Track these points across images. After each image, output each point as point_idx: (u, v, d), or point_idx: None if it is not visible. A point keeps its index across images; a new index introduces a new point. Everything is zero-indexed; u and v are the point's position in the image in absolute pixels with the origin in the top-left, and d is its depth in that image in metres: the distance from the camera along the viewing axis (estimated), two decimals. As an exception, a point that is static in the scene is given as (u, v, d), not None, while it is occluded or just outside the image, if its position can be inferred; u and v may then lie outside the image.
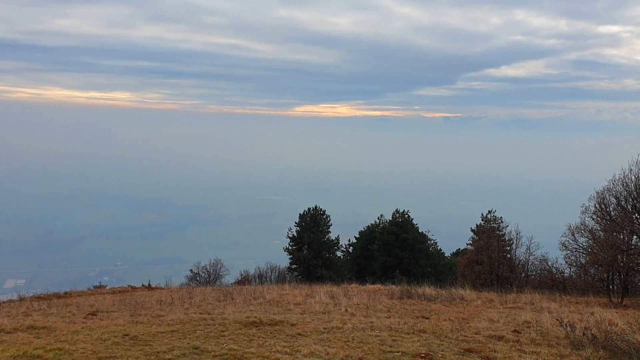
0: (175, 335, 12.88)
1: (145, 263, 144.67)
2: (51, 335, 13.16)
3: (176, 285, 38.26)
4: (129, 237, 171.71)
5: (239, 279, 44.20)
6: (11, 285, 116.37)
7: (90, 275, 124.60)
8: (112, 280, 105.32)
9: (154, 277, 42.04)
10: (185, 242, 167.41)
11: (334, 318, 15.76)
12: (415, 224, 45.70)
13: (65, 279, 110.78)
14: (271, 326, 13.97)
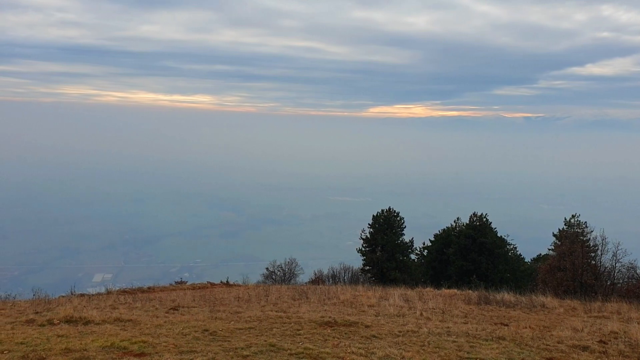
0: (252, 332, 13.17)
1: (223, 260, 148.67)
2: (136, 328, 13.78)
3: (252, 282, 39.11)
4: (207, 236, 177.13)
5: (313, 278, 44.56)
6: (99, 279, 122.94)
7: (172, 272, 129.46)
8: (192, 276, 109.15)
9: (231, 275, 43.12)
10: (261, 241, 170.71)
11: (409, 322, 15.59)
12: (493, 227, 44.39)
13: (148, 275, 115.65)
14: (346, 327, 14.00)
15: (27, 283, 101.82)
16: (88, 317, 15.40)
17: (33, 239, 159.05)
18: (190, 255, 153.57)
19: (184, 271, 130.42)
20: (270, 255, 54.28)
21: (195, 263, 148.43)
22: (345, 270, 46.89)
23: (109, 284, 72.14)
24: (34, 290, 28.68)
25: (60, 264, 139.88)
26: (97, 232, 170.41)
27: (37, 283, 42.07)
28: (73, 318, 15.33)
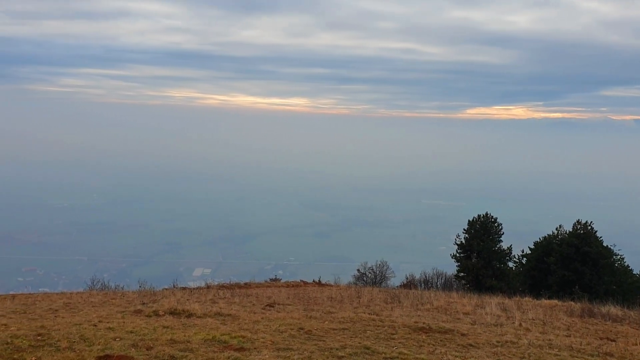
0: (346, 333, 13.27)
1: (315, 260, 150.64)
2: (235, 323, 14.30)
3: (344, 283, 39.32)
4: (301, 235, 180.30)
5: (405, 282, 44.06)
6: (199, 273, 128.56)
7: (266, 269, 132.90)
8: (286, 274, 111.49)
9: (323, 274, 43.51)
10: (352, 242, 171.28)
11: (507, 332, 15.07)
12: (599, 236, 41.79)
13: (244, 270, 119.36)
14: (441, 334, 13.76)
15: (133, 275, 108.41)
16: (190, 310, 16.18)
17: (140, 234, 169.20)
18: (285, 254, 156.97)
19: (278, 269, 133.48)
20: (361, 257, 54.23)
21: (289, 261, 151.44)
22: (438, 275, 45.94)
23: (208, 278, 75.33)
24: (140, 282, 30.49)
25: (164, 258, 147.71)
26: (198, 229, 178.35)
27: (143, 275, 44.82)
28: (177, 310, 16.16)
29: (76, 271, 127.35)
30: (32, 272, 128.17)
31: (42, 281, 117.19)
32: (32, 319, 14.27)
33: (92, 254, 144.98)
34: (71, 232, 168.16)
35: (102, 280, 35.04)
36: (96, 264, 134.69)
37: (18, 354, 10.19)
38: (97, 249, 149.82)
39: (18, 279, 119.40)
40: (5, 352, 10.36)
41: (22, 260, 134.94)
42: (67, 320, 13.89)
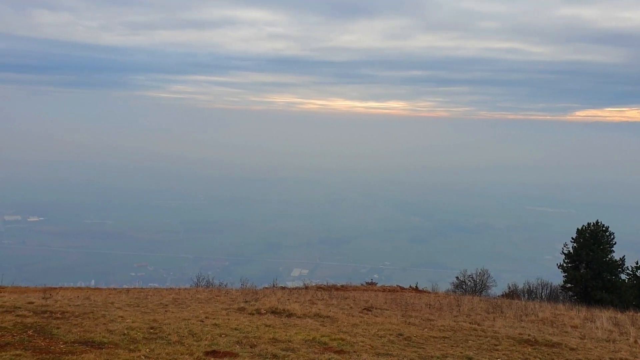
0: (447, 342, 13.02)
1: (411, 265, 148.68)
2: (334, 325, 14.47)
3: (442, 290, 38.53)
4: (397, 239, 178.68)
5: (507, 292, 42.43)
6: (297, 273, 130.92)
7: (362, 272, 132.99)
8: (381, 278, 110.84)
9: (419, 280, 42.90)
10: (450, 249, 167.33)
11: (621, 348, 14.12)
12: None
13: (340, 273, 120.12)
14: (548, 347, 13.15)
15: (235, 273, 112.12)
16: (290, 310, 16.57)
17: (242, 234, 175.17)
18: (380, 258, 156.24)
19: (374, 272, 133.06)
20: (460, 264, 52.82)
21: (385, 265, 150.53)
22: (543, 286, 43.78)
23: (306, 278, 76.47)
24: (242, 280, 31.59)
25: (264, 257, 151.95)
26: (297, 230, 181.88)
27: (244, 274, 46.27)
28: (277, 309, 16.62)
29: (183, 268, 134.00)
30: (143, 267, 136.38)
31: (152, 276, 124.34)
32: (145, 312, 15.21)
33: (198, 251, 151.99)
34: (179, 231, 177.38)
35: (207, 277, 36.72)
36: (201, 261, 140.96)
37: (133, 345, 10.92)
38: (202, 247, 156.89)
39: (131, 273, 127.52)
40: (122, 342, 11.14)
41: (134, 256, 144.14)
42: (176, 315, 14.69)
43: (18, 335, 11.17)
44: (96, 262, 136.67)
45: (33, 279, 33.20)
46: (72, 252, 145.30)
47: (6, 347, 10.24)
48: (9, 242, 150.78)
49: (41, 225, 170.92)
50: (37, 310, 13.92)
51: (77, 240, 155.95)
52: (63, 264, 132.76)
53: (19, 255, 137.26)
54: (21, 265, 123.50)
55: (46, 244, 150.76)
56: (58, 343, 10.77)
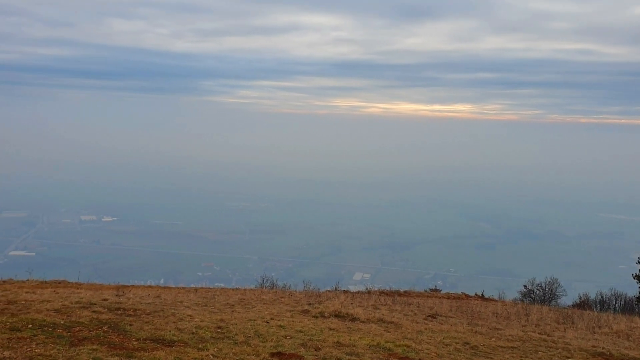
0: (515, 352, 12.66)
1: (477, 272, 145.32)
2: (398, 331, 14.36)
3: (509, 299, 37.43)
4: (463, 245, 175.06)
5: (578, 302, 40.73)
6: (358, 277, 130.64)
7: (425, 278, 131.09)
8: (445, 285, 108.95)
9: (484, 288, 41.77)
10: (518, 256, 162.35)
11: None
12: None
13: (402, 278, 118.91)
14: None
15: (298, 275, 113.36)
16: (354, 314, 16.56)
17: (305, 236, 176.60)
18: (445, 264, 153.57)
19: (438, 279, 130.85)
20: (528, 272, 51.07)
21: (449, 272, 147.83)
22: (617, 296, 41.70)
23: (368, 283, 76.15)
24: (305, 283, 31.78)
25: (326, 260, 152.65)
26: (359, 234, 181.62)
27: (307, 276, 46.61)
28: (341, 313, 16.64)
29: (247, 269, 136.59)
30: (210, 267, 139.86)
31: (218, 276, 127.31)
32: (212, 312, 15.61)
33: (262, 253, 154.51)
34: (244, 232, 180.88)
35: (271, 278, 37.21)
36: (265, 262, 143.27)
37: (202, 344, 11.24)
38: (266, 248, 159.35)
39: (198, 273, 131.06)
40: (191, 341, 11.48)
41: (202, 256, 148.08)
42: (243, 316, 14.99)
43: (94, 331, 11.73)
44: (166, 261, 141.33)
45: (106, 277, 34.77)
46: (143, 251, 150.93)
47: (84, 342, 10.77)
48: (85, 241, 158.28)
49: (115, 225, 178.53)
50: (111, 307, 14.55)
51: (148, 240, 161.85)
52: (134, 263, 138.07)
53: (93, 254, 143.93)
54: (96, 263, 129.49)
55: (119, 243, 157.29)
56: (131, 339, 11.22)
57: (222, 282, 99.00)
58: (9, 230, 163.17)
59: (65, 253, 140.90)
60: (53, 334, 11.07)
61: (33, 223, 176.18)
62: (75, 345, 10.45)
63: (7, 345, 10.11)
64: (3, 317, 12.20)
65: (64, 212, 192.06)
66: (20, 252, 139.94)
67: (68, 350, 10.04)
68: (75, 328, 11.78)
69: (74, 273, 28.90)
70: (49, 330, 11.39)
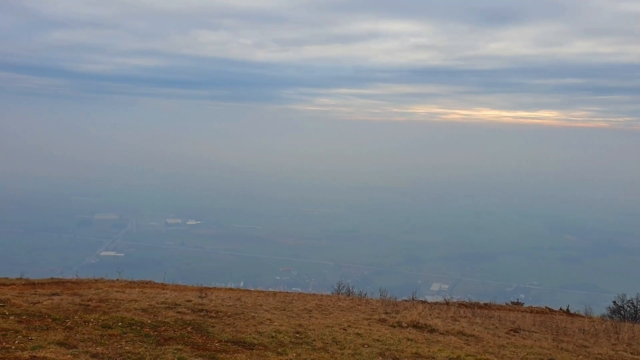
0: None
1: (562, 286, 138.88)
2: (479, 345, 13.97)
3: (596, 315, 35.53)
4: (546, 258, 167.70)
5: (674, 323, 37.98)
6: (436, 288, 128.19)
7: (506, 291, 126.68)
8: (528, 298, 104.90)
9: (569, 302, 39.84)
10: (606, 271, 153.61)
11: None
12: None
13: (482, 290, 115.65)
14: None
15: (374, 283, 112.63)
16: (432, 325, 16.28)
17: (381, 244, 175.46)
18: (527, 277, 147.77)
19: (519, 292, 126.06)
20: (616, 288, 48.13)
21: (532, 285, 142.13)
22: None
23: (445, 294, 74.59)
24: (381, 291, 31.55)
25: (403, 269, 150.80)
26: (437, 244, 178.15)
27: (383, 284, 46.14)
28: (419, 324, 16.42)
29: (324, 274, 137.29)
30: (288, 272, 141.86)
31: (295, 281, 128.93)
32: (291, 316, 15.83)
33: (338, 259, 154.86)
34: (321, 238, 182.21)
35: (347, 285, 37.22)
36: (341, 269, 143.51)
37: (281, 348, 11.43)
38: (342, 255, 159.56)
39: (276, 277, 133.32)
40: (271, 344, 11.70)
41: (280, 260, 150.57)
42: (320, 322, 15.10)
43: (179, 331, 12.21)
44: (245, 264, 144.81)
45: (190, 278, 35.96)
46: (225, 254, 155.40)
47: (169, 341, 11.23)
48: (170, 243, 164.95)
49: (198, 229, 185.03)
50: (194, 308, 15.08)
51: (229, 243, 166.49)
52: (216, 265, 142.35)
53: (178, 256, 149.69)
54: (180, 265, 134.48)
55: (202, 245, 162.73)
56: (213, 341, 11.59)
57: (299, 287, 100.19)
58: (101, 232, 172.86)
59: (151, 254, 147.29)
60: (141, 333, 11.62)
61: (123, 225, 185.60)
62: (161, 344, 10.92)
63: (99, 341, 10.71)
64: (95, 315, 12.93)
65: (152, 215, 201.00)
66: (111, 253, 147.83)
67: (154, 349, 10.50)
68: (161, 327, 12.31)
69: (159, 274, 30.16)
70: (137, 328, 11.97)
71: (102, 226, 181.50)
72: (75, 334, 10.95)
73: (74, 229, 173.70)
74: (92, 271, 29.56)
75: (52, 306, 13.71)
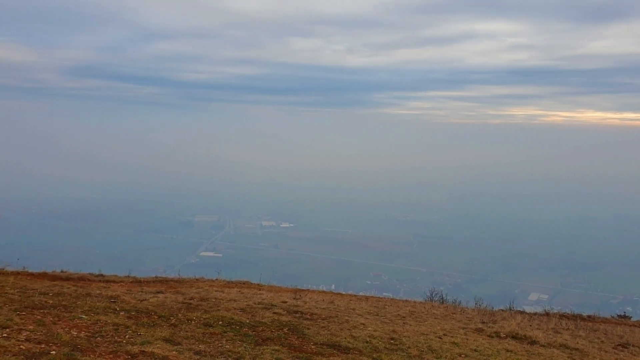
0: None
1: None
2: (584, 359, 13.28)
3: None
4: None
5: None
6: (534, 298, 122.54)
7: (612, 303, 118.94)
8: (636, 312, 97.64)
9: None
10: None
11: None
12: None
13: (584, 302, 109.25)
14: None
15: (468, 291, 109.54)
16: (533, 337, 15.65)
17: (476, 251, 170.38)
18: (635, 288, 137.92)
19: (626, 304, 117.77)
20: None
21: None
22: None
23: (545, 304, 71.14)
24: (476, 300, 30.68)
25: (499, 277, 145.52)
26: (536, 252, 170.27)
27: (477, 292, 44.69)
28: (518, 335, 15.83)
29: (415, 280, 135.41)
30: (378, 277, 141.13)
31: (385, 286, 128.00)
32: (384, 322, 15.77)
33: (430, 265, 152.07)
34: (412, 243, 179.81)
35: (440, 292, 36.48)
36: (433, 275, 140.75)
37: (376, 354, 11.43)
38: (435, 261, 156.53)
39: (367, 281, 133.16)
40: (366, 349, 11.73)
41: (371, 265, 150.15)
42: (414, 329, 14.94)
43: (276, 332, 12.53)
44: (336, 268, 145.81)
45: (283, 279, 36.75)
46: (316, 257, 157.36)
47: (267, 342, 11.55)
48: (264, 245, 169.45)
49: (291, 231, 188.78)
50: (289, 310, 15.41)
51: (320, 246, 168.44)
52: (308, 267, 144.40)
53: (272, 257, 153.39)
54: (274, 266, 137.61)
55: (295, 248, 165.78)
56: (309, 343, 11.78)
57: (390, 292, 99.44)
58: (201, 233, 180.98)
59: (247, 255, 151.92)
60: (240, 332, 12.04)
61: (221, 227, 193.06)
62: (259, 344, 11.26)
63: (202, 339, 11.21)
64: (197, 313, 13.55)
65: (248, 217, 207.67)
66: (210, 253, 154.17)
67: (253, 348, 10.84)
68: (258, 328, 12.69)
69: (255, 274, 30.95)
70: (236, 328, 12.41)
71: (202, 227, 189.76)
72: (179, 331, 11.53)
73: (176, 230, 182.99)
74: (193, 270, 31.00)
75: (157, 303, 14.52)
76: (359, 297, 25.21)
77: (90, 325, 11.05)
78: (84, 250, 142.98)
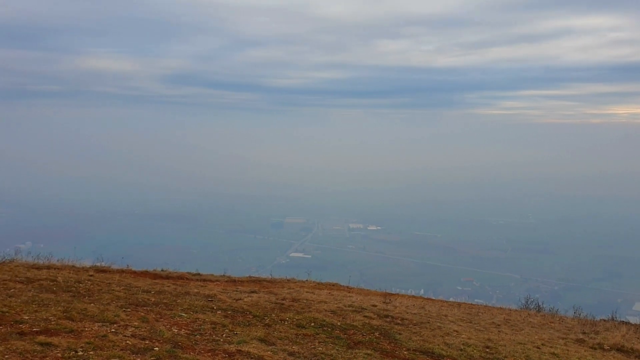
0: None
1: None
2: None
3: None
4: None
5: None
6: (639, 308, 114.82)
7: None
8: None
9: None
10: None
11: None
12: None
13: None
14: None
15: (566, 299, 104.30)
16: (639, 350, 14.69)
17: (575, 257, 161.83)
18: None
19: None
20: None
21: None
22: None
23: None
24: (575, 308, 29.12)
25: (599, 285, 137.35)
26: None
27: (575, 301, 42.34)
28: (624, 347, 14.93)
29: (509, 287, 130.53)
30: (469, 282, 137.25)
31: (477, 292, 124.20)
32: (478, 330, 15.34)
33: (525, 272, 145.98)
34: (506, 249, 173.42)
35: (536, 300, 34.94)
36: (528, 282, 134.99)
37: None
38: (529, 268, 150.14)
39: (457, 287, 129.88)
40: (460, 357, 11.47)
41: (461, 270, 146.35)
42: (510, 338, 14.43)
43: (367, 335, 12.52)
44: (425, 272, 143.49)
45: (371, 282, 36.72)
46: (404, 260, 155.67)
47: (359, 345, 11.57)
48: (352, 247, 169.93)
49: (379, 234, 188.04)
50: (380, 314, 15.35)
51: (409, 249, 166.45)
52: (396, 271, 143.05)
53: (360, 259, 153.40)
54: (362, 269, 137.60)
55: (382, 251, 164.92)
56: (401, 349, 11.68)
57: (482, 299, 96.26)
58: (291, 234, 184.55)
59: (335, 257, 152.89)
60: (332, 334, 12.14)
61: (310, 228, 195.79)
62: (351, 347, 11.30)
63: (294, 340, 11.41)
64: (290, 314, 13.81)
65: (336, 219, 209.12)
66: (299, 254, 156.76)
67: (345, 351, 10.89)
68: (350, 331, 12.74)
69: (343, 276, 31.08)
70: (328, 330, 12.52)
71: (291, 229, 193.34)
72: (273, 332, 11.81)
73: (267, 231, 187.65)
74: (283, 271, 31.63)
75: (252, 303, 14.94)
76: (451, 303, 24.68)
77: (189, 323, 11.55)
78: (182, 249, 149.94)
